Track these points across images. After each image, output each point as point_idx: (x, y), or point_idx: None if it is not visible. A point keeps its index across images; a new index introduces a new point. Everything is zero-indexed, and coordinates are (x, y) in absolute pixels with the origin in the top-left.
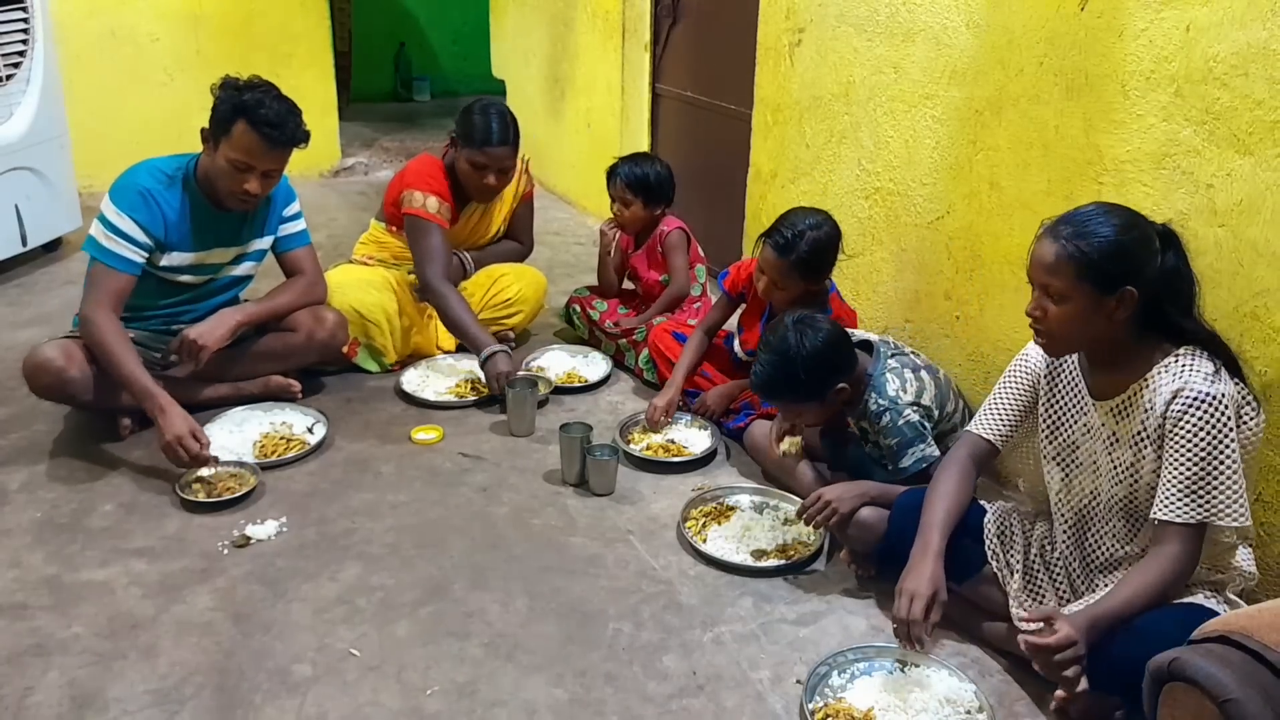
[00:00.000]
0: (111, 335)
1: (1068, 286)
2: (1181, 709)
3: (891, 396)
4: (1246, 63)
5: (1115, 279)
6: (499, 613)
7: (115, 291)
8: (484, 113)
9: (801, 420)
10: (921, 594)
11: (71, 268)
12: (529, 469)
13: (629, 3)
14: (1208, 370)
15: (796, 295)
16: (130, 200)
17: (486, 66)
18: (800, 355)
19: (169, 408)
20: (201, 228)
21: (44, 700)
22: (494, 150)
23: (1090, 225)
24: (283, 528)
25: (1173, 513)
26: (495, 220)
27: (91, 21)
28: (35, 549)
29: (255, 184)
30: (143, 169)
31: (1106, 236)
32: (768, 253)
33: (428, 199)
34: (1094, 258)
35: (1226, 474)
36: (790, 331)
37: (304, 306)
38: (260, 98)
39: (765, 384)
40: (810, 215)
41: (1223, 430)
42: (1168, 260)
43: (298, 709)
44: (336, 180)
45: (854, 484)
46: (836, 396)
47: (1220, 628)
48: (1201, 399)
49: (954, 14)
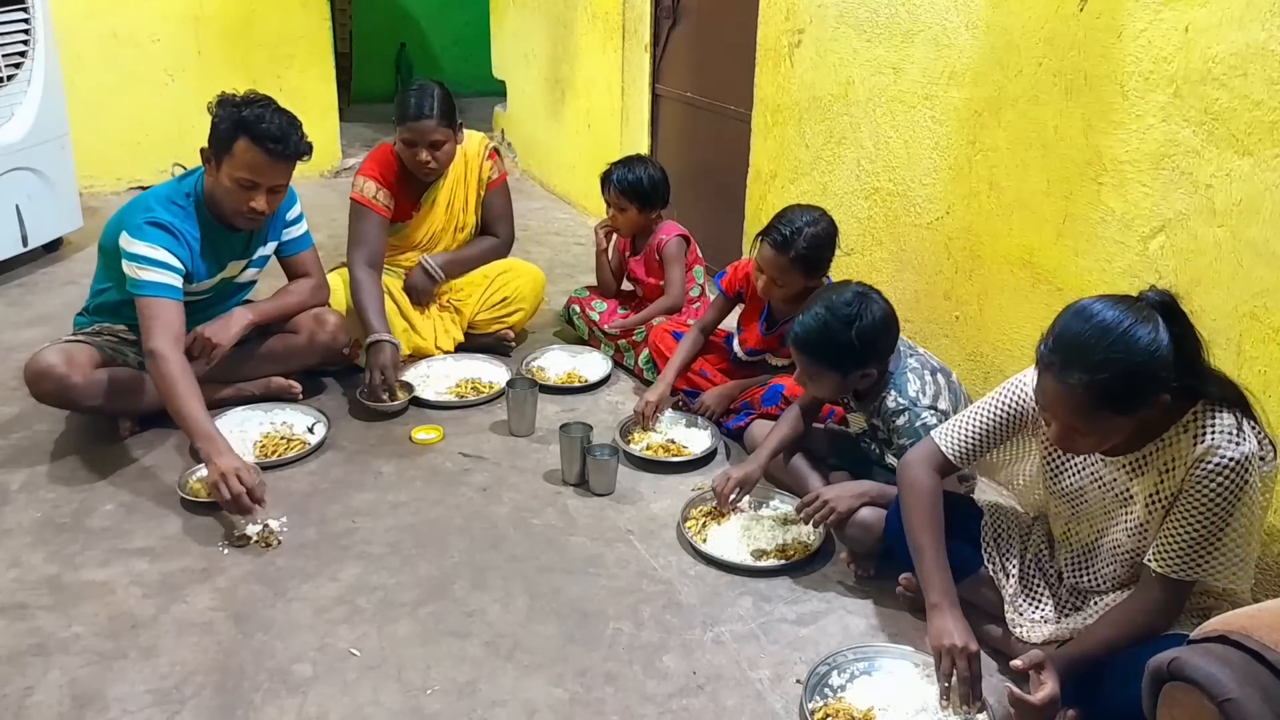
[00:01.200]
0: (178, 373)
1: (1089, 423)
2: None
3: (911, 397)
4: (1245, 63)
5: (1140, 395)
6: (499, 612)
7: (172, 322)
8: (410, 91)
9: (812, 390)
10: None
11: (72, 268)
12: (529, 469)
13: (629, 4)
14: (1230, 428)
15: (796, 292)
16: (156, 235)
17: (487, 67)
18: (854, 322)
19: (226, 452)
20: (217, 251)
21: (45, 700)
22: (416, 125)
23: (1087, 352)
24: (283, 527)
25: (1168, 567)
26: (469, 208)
27: (92, 22)
28: (36, 549)
29: (262, 201)
30: (153, 201)
31: (1112, 362)
32: (766, 250)
33: (366, 183)
34: (1108, 389)
35: (1231, 540)
36: (854, 297)
37: (311, 308)
38: (260, 112)
39: (806, 337)
40: (807, 212)
41: (1240, 496)
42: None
43: (298, 708)
44: (337, 181)
45: (853, 484)
46: (861, 380)
47: (1220, 627)
48: (1227, 464)
49: (953, 15)
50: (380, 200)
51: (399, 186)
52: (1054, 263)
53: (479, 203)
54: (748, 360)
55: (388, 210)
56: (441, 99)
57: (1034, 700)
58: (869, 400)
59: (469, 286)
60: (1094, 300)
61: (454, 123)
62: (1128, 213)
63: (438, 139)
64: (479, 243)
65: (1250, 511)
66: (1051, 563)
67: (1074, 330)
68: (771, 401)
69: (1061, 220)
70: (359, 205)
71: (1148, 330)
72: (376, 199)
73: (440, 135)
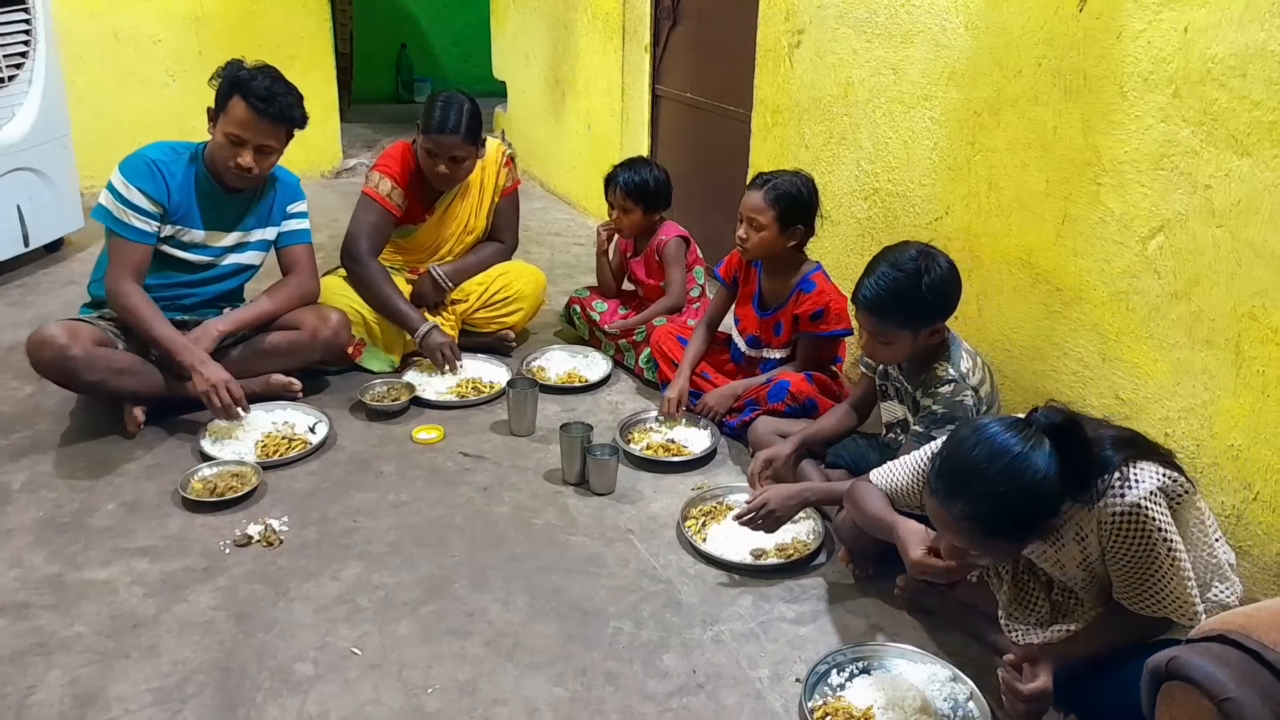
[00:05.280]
0: (139, 301)
1: (980, 548)
2: (1180, 708)
3: (964, 372)
4: (1244, 64)
5: (1027, 523)
6: (500, 611)
7: (135, 263)
8: (438, 101)
9: (881, 356)
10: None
11: (74, 268)
12: (529, 468)
13: (629, 5)
14: (1114, 483)
15: (778, 249)
16: (137, 170)
17: (487, 68)
18: (923, 276)
19: (207, 360)
20: (206, 205)
21: (46, 699)
22: (440, 138)
23: (973, 481)
24: (284, 526)
25: (1135, 606)
26: (481, 213)
27: (93, 22)
28: (37, 548)
29: (248, 157)
30: (154, 145)
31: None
32: (747, 197)
33: (381, 181)
34: (992, 521)
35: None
36: (917, 253)
37: (294, 308)
38: (255, 74)
39: (876, 298)
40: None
41: (1150, 535)
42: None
43: (299, 708)
44: (338, 181)
45: (794, 486)
46: (929, 336)
47: (1219, 626)
48: (1122, 516)
49: (953, 15)
50: (394, 199)
51: (414, 189)
52: (1053, 263)
53: (492, 209)
54: (749, 354)
55: (399, 210)
56: (470, 116)
57: (1024, 689)
58: (921, 368)
59: (469, 285)
60: (986, 423)
61: (478, 139)
62: (1127, 213)
63: (460, 155)
64: (484, 249)
65: (1170, 547)
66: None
67: (959, 456)
68: (777, 398)
69: (1060, 220)
70: (367, 198)
71: (1038, 456)
72: (390, 197)
73: (463, 152)
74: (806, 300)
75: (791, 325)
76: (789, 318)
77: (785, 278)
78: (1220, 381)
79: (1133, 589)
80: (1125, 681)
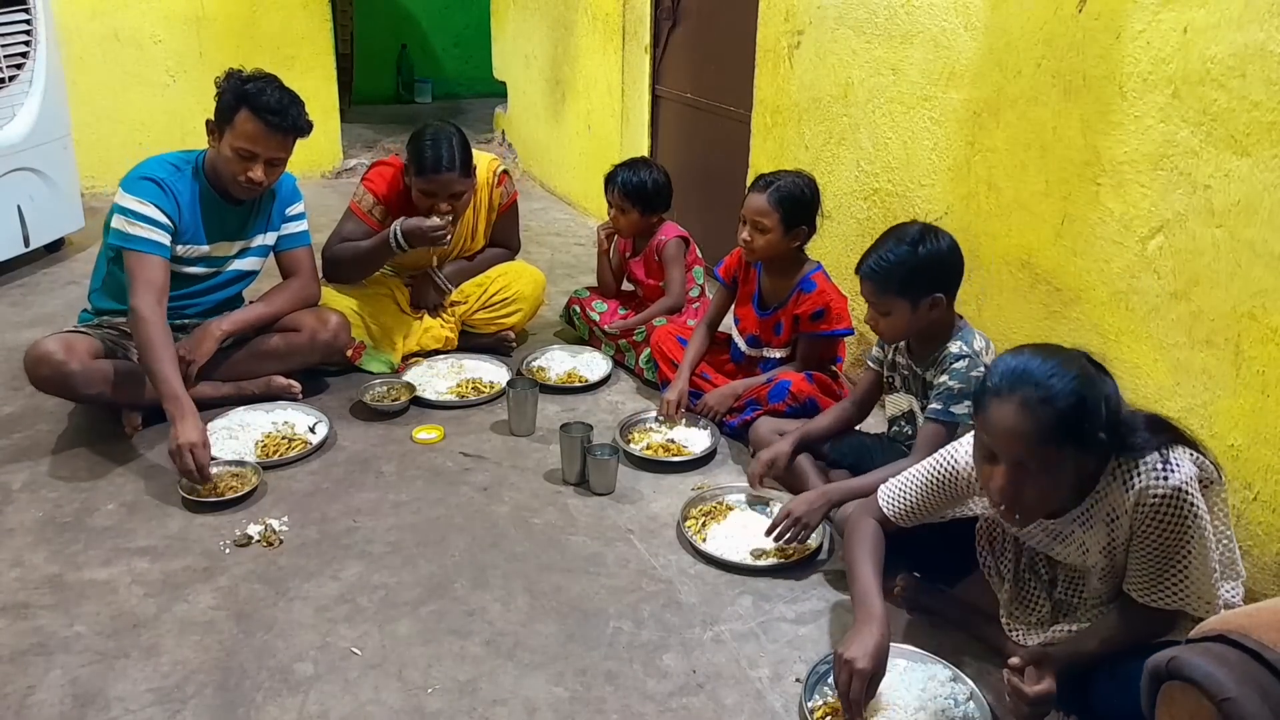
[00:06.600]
0: (156, 331)
1: (1038, 458)
2: (1179, 708)
3: (977, 350)
4: (1244, 64)
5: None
6: (500, 611)
7: (158, 283)
8: (426, 140)
9: (883, 329)
10: (864, 671)
11: (74, 268)
12: (529, 468)
13: (629, 5)
14: (1155, 464)
15: (782, 250)
16: (145, 188)
17: (487, 69)
18: (922, 246)
19: (189, 416)
20: (210, 218)
21: (46, 699)
22: (438, 178)
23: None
24: (284, 526)
25: (1146, 598)
26: (477, 235)
27: (94, 23)
28: (38, 548)
29: (259, 171)
30: (151, 161)
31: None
32: (750, 199)
33: (365, 196)
34: (1060, 409)
35: (1195, 566)
36: (919, 229)
37: (294, 310)
38: (262, 86)
39: (875, 266)
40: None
41: (1188, 522)
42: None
43: (299, 707)
44: (338, 181)
45: (815, 491)
46: (930, 308)
47: (1218, 626)
48: (1164, 498)
49: (952, 16)
50: (375, 215)
51: (390, 201)
52: (1052, 263)
53: (489, 227)
54: (749, 353)
55: (377, 224)
56: (461, 147)
57: (1029, 691)
58: (930, 348)
59: (468, 286)
60: (1026, 346)
61: (471, 168)
62: (1126, 213)
63: (459, 190)
64: (485, 251)
65: (1203, 535)
66: (1046, 568)
67: (1016, 362)
68: (778, 398)
69: (1060, 221)
70: (350, 211)
71: (1084, 367)
72: (372, 213)
73: (461, 186)
74: (807, 300)
75: (791, 325)
76: (789, 317)
77: (785, 277)
78: (1220, 381)
79: (1153, 578)
80: (1125, 682)
